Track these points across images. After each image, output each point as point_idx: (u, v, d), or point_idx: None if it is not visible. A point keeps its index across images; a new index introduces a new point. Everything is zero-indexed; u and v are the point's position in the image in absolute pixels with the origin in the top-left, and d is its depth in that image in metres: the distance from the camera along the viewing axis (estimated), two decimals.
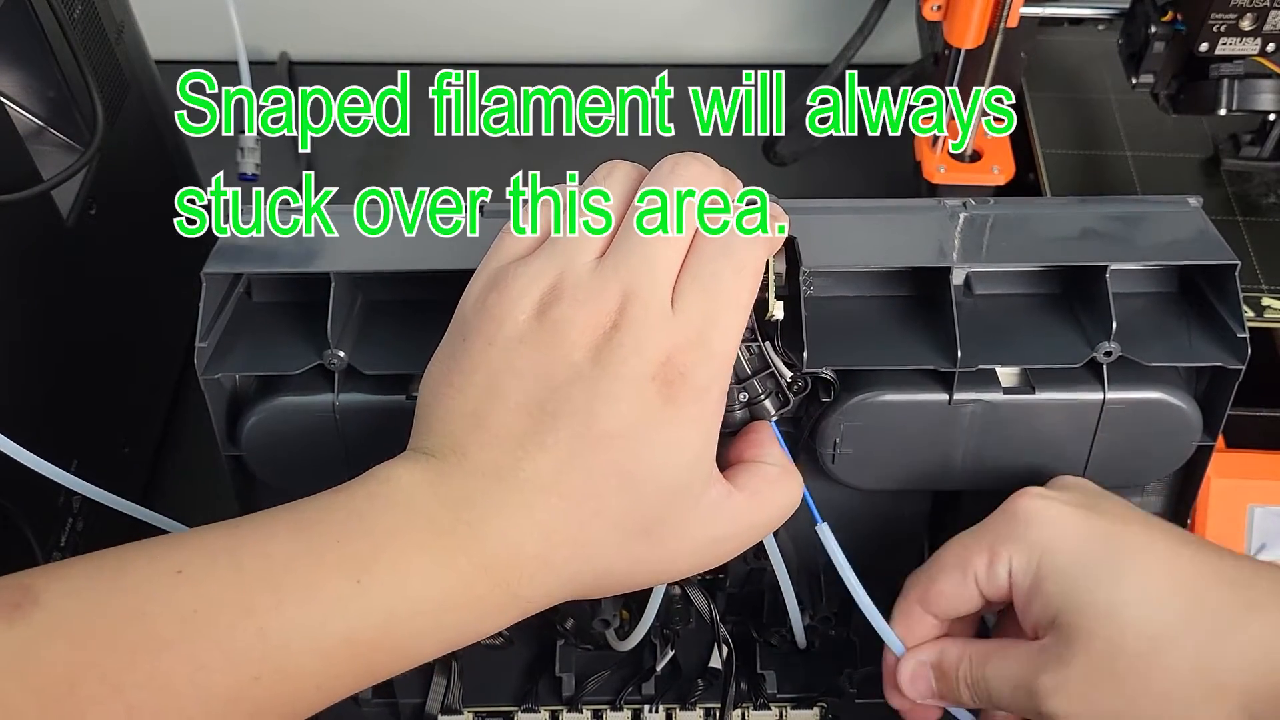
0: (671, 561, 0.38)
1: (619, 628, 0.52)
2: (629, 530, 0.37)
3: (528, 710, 0.54)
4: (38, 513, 0.53)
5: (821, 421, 0.44)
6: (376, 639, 0.35)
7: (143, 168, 0.67)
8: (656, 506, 0.37)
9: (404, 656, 0.36)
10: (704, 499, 0.38)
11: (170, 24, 0.78)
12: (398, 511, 0.36)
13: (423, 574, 0.35)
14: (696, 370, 0.36)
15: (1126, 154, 0.73)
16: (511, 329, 0.37)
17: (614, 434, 0.36)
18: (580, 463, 0.36)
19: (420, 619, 0.35)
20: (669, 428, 0.36)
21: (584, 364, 0.36)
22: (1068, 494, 0.43)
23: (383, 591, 0.35)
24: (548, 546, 0.36)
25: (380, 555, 0.35)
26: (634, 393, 0.36)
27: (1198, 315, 0.46)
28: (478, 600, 0.36)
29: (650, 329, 0.36)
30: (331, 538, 0.35)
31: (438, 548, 0.35)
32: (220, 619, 0.33)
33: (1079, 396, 0.44)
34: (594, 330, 0.36)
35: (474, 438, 0.36)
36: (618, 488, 0.36)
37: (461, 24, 0.93)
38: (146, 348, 0.67)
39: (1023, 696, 0.41)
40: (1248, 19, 0.60)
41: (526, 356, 0.36)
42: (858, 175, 0.85)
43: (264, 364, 0.45)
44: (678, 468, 0.37)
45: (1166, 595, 0.40)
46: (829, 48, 0.74)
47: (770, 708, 0.54)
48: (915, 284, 0.46)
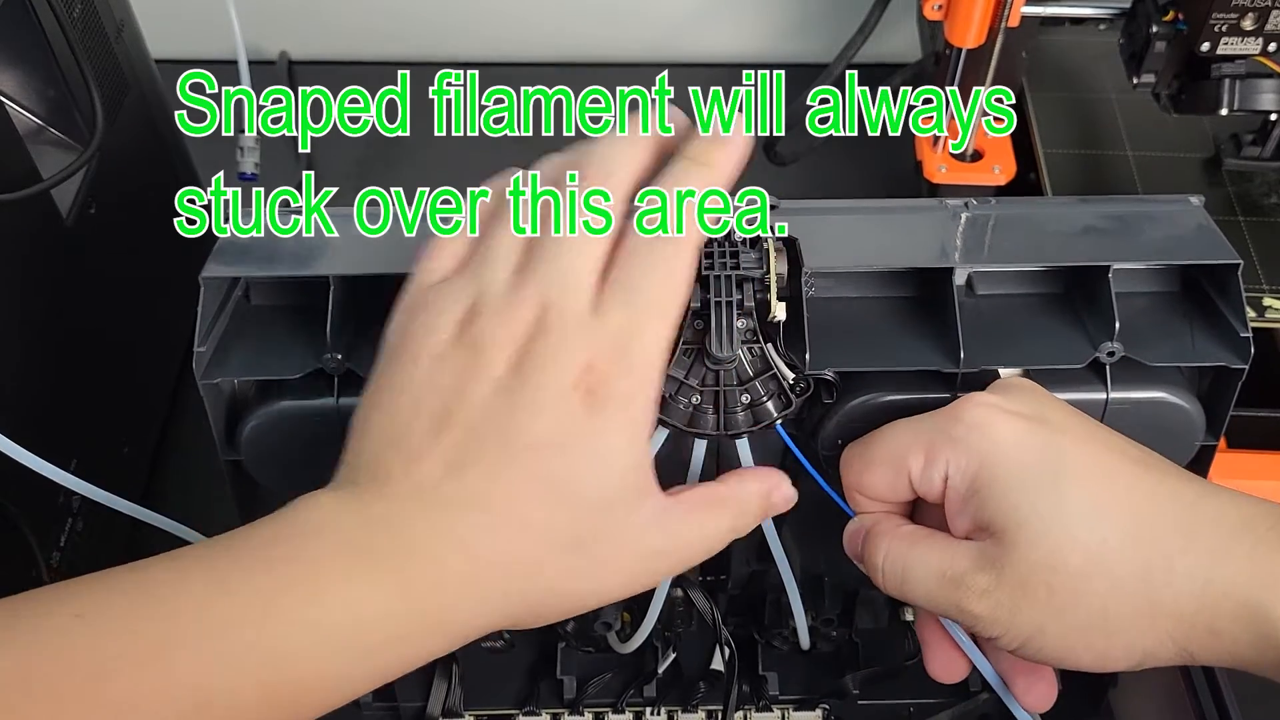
0: (607, 577, 0.38)
1: (620, 630, 0.52)
2: (559, 544, 0.36)
3: (529, 713, 0.54)
4: (37, 513, 0.53)
5: (824, 423, 0.44)
6: (292, 674, 0.33)
7: (142, 167, 0.67)
8: (587, 519, 0.36)
9: (327, 691, 0.34)
10: (639, 512, 0.37)
11: (170, 23, 0.78)
12: (312, 539, 0.35)
13: (337, 601, 0.34)
14: (619, 379, 0.36)
15: (1128, 154, 0.73)
16: (434, 348, 0.37)
17: (537, 445, 0.35)
18: (504, 477, 0.35)
19: (339, 649, 0.34)
20: (594, 438, 0.36)
21: (504, 377, 0.36)
22: (1016, 401, 0.41)
23: (292, 621, 0.33)
24: (474, 564, 0.35)
25: (288, 583, 0.34)
26: (555, 402, 0.35)
27: (1200, 315, 0.45)
28: (401, 624, 0.35)
29: (568, 337, 0.36)
30: (237, 573, 0.34)
31: (354, 572, 0.34)
32: (120, 665, 0.32)
33: (1082, 397, 0.44)
34: (512, 343, 0.36)
35: (397, 459, 0.36)
36: (544, 501, 0.35)
37: (461, 24, 0.93)
38: (146, 347, 0.67)
39: (946, 589, 0.39)
40: (1249, 18, 0.60)
41: (447, 374, 0.36)
42: (858, 175, 0.85)
43: (263, 368, 0.45)
44: (606, 478, 0.36)
45: (1110, 514, 0.38)
46: (829, 48, 0.74)
47: (773, 709, 0.53)
48: (917, 285, 0.46)
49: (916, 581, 0.40)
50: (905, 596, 0.41)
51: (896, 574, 0.41)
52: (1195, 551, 0.37)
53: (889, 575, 0.41)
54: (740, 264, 0.40)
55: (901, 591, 0.41)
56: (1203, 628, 0.37)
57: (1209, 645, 0.37)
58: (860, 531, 0.43)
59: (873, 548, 0.42)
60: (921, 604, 0.41)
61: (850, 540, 0.43)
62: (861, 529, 0.43)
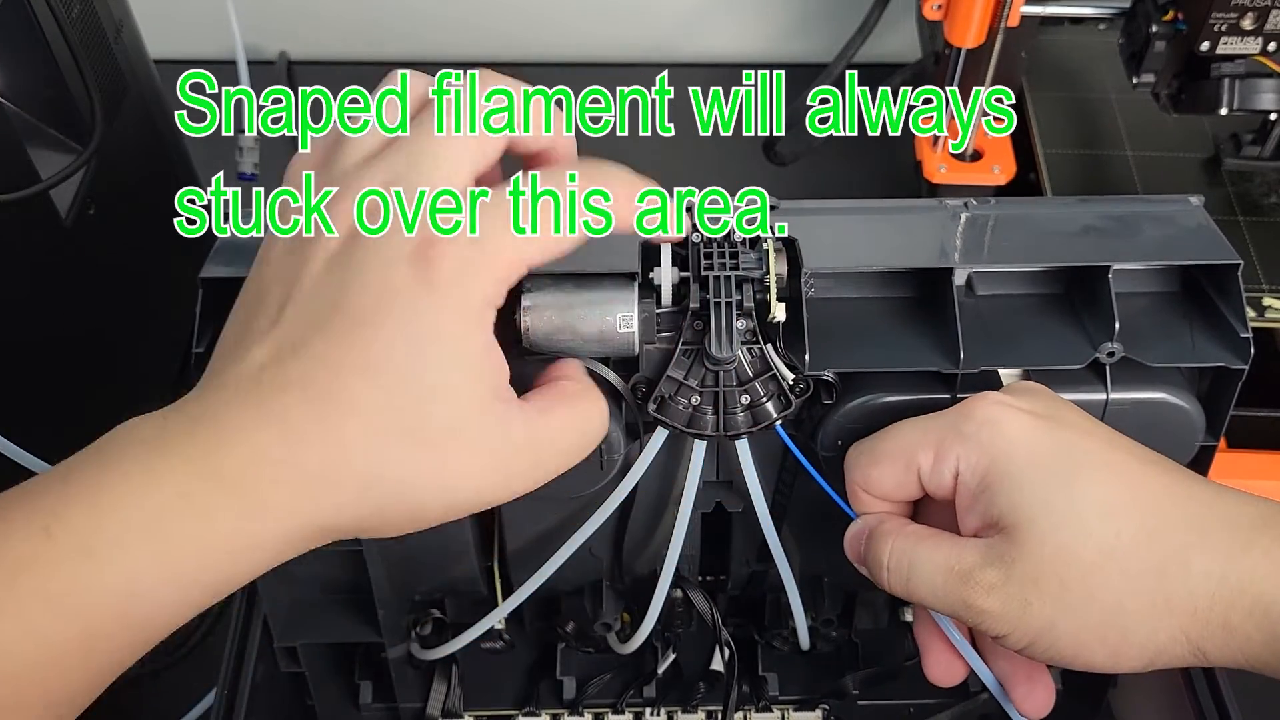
0: (453, 476, 0.34)
1: (620, 630, 0.52)
2: (391, 431, 0.33)
3: (529, 714, 0.54)
4: None
5: (823, 424, 0.44)
6: (87, 592, 0.30)
7: (141, 167, 0.67)
8: (423, 403, 0.33)
9: (136, 612, 0.31)
10: (485, 403, 0.34)
11: (169, 23, 0.78)
12: (117, 449, 0.32)
13: (136, 500, 0.31)
14: (461, 252, 0.33)
15: (1127, 153, 0.73)
16: (284, 241, 0.35)
17: (364, 320, 0.33)
18: (330, 356, 0.33)
19: (140, 557, 0.31)
20: (427, 314, 0.33)
21: (337, 249, 0.34)
22: (1027, 401, 0.40)
23: (77, 530, 0.30)
24: (294, 449, 0.32)
25: (74, 493, 0.31)
26: (385, 273, 0.33)
27: (1200, 315, 0.45)
28: (214, 523, 0.31)
29: (406, 207, 0.34)
30: (22, 496, 0.31)
31: (159, 470, 0.31)
32: None
33: (1082, 397, 0.44)
34: (350, 215, 0.34)
35: (230, 356, 0.34)
36: (373, 380, 0.32)
37: (461, 23, 0.93)
38: (145, 347, 0.67)
39: (953, 584, 0.38)
40: (1249, 18, 0.60)
41: (289, 262, 0.34)
42: (858, 175, 0.85)
43: None
44: (438, 361, 0.33)
45: (1124, 510, 0.38)
46: (829, 48, 0.74)
47: (772, 710, 0.53)
48: (917, 285, 0.46)
49: (922, 577, 0.40)
50: (910, 594, 0.40)
51: (902, 570, 0.40)
52: (1210, 547, 0.37)
53: (894, 572, 0.40)
54: (740, 264, 0.40)
55: (907, 588, 0.40)
56: (1217, 623, 0.37)
57: (1222, 643, 0.37)
58: (863, 532, 0.42)
59: (878, 546, 0.41)
60: (927, 601, 0.40)
61: (852, 542, 0.43)
62: (865, 529, 0.42)
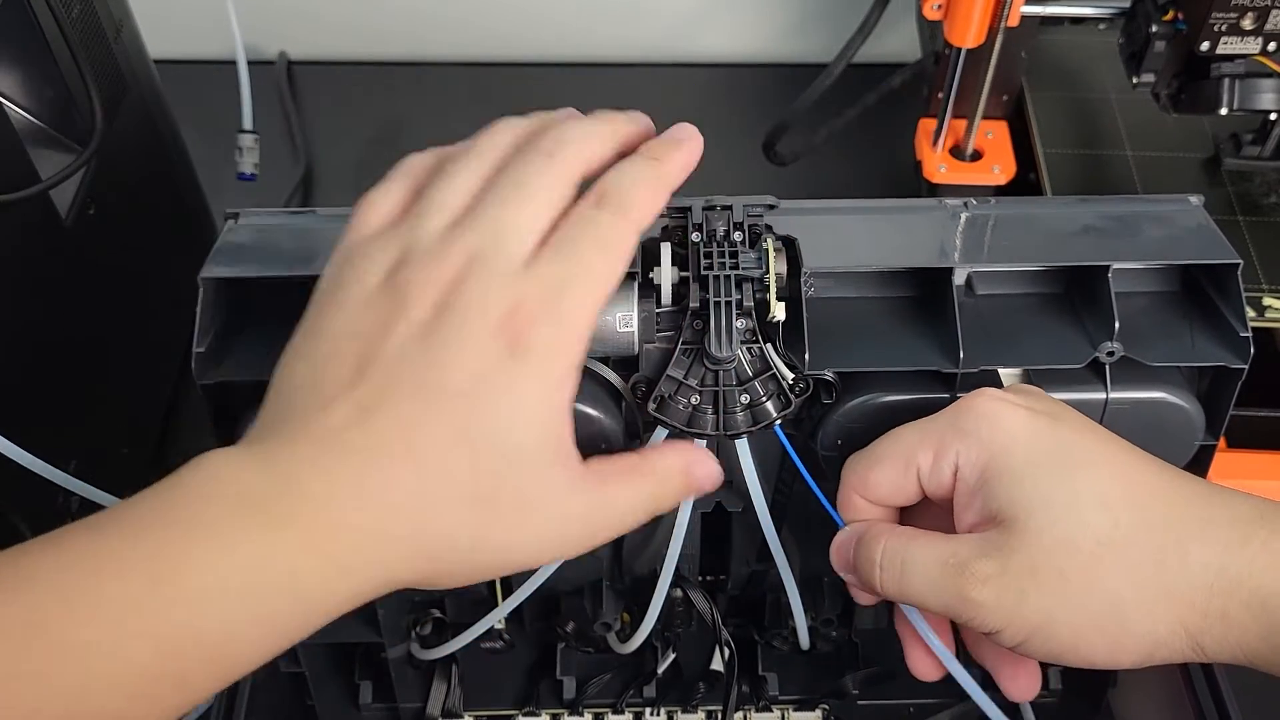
0: (518, 540, 0.36)
1: (620, 630, 0.52)
2: (469, 496, 0.34)
3: (529, 714, 0.54)
4: (36, 514, 0.53)
5: (823, 423, 0.44)
6: (186, 637, 0.32)
7: (141, 167, 0.67)
8: (495, 472, 0.35)
9: (226, 654, 0.33)
10: (552, 473, 0.36)
11: (169, 23, 0.78)
12: (202, 495, 0.33)
13: (227, 557, 0.32)
14: (543, 328, 0.35)
15: (1127, 153, 0.73)
16: (358, 294, 0.36)
17: (451, 391, 0.34)
18: (417, 422, 0.34)
19: (232, 607, 0.32)
20: (512, 386, 0.34)
21: (425, 320, 0.35)
22: (1025, 399, 0.41)
23: (183, 582, 0.31)
24: (375, 512, 0.33)
25: (177, 544, 0.32)
26: (474, 347, 0.34)
27: (1200, 314, 0.45)
28: (299, 578, 0.33)
29: (496, 284, 0.35)
30: (125, 537, 0.32)
31: (246, 526, 0.32)
32: (7, 640, 0.30)
33: (1082, 396, 0.44)
34: (437, 286, 0.35)
35: (309, 406, 0.34)
36: (454, 449, 0.34)
37: (461, 24, 0.93)
38: (145, 347, 0.67)
39: (948, 576, 0.38)
40: (1249, 18, 0.60)
41: (369, 319, 0.35)
42: (858, 175, 0.85)
43: (262, 368, 0.44)
44: (521, 430, 0.35)
45: (1123, 502, 0.38)
46: (829, 48, 0.74)
47: (772, 709, 0.53)
48: (917, 285, 0.46)
49: (916, 572, 0.39)
50: (904, 591, 0.40)
51: (895, 567, 0.40)
52: (1209, 539, 0.37)
53: (887, 570, 0.40)
54: (739, 264, 0.40)
55: (900, 585, 0.40)
56: (1215, 615, 0.37)
57: (1219, 636, 0.37)
58: (851, 539, 0.42)
59: (870, 546, 0.41)
60: (921, 597, 0.40)
61: (841, 549, 0.42)
62: (853, 536, 0.42)
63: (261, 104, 0.80)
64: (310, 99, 0.91)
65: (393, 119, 0.89)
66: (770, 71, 0.94)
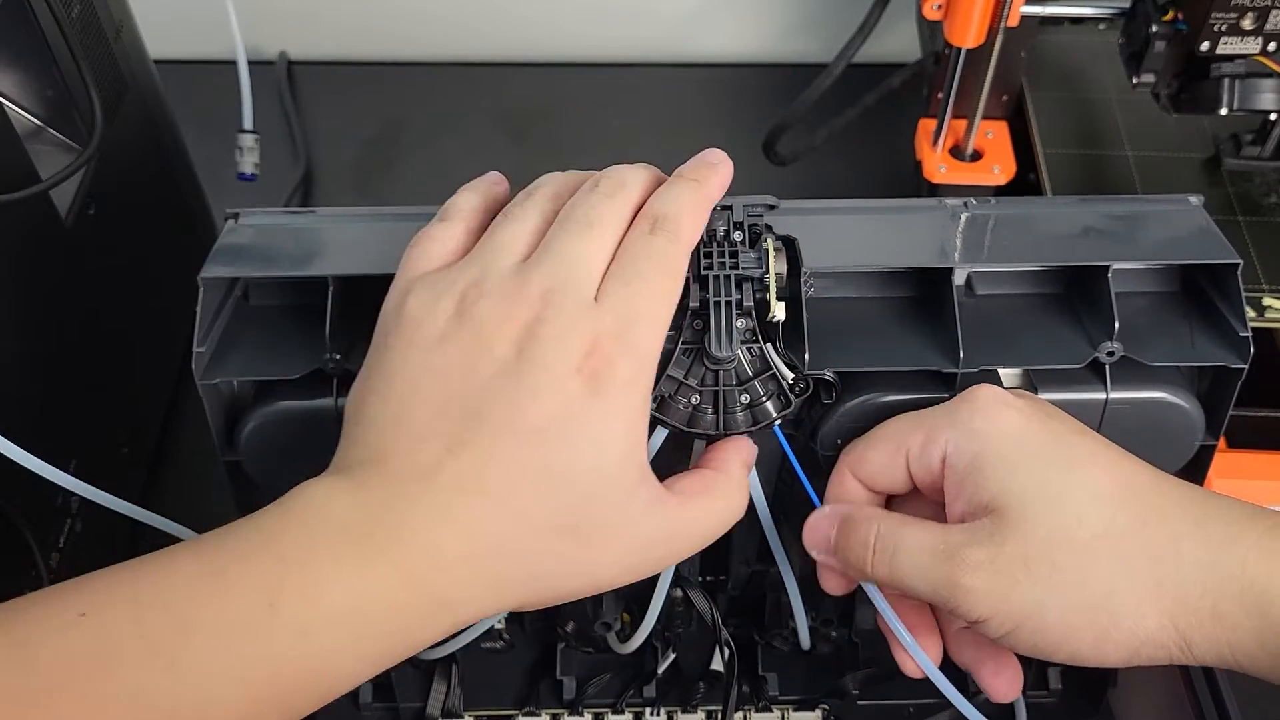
0: (601, 564, 0.38)
1: (620, 630, 0.52)
2: (555, 529, 0.36)
3: (529, 714, 0.54)
4: (36, 514, 0.53)
5: (823, 423, 0.44)
6: (297, 662, 0.34)
7: (141, 167, 0.67)
8: (583, 503, 0.36)
9: (331, 679, 0.35)
10: (634, 499, 0.37)
11: (169, 23, 0.78)
12: (310, 527, 0.35)
13: (338, 587, 0.34)
14: (620, 362, 0.36)
15: (1127, 153, 0.73)
16: (431, 329, 0.37)
17: (538, 428, 0.35)
18: (503, 460, 0.35)
19: (342, 636, 0.34)
20: (594, 421, 0.36)
21: (507, 359, 0.36)
22: (1021, 400, 0.41)
23: (296, 610, 0.33)
24: (470, 548, 0.35)
25: (292, 573, 0.34)
26: (558, 385, 0.36)
27: (1200, 314, 0.45)
28: (401, 610, 0.35)
29: (573, 322, 0.36)
30: (239, 562, 0.34)
31: (355, 559, 0.34)
32: (125, 659, 0.32)
33: (1081, 396, 0.44)
34: (516, 324, 0.36)
35: (395, 443, 0.36)
36: (542, 484, 0.36)
37: (461, 23, 0.93)
38: (145, 348, 0.67)
39: (939, 562, 0.39)
40: (1249, 18, 0.60)
41: (448, 355, 0.36)
42: (858, 174, 0.85)
43: (262, 368, 0.45)
44: (604, 462, 0.36)
45: (1118, 498, 0.39)
46: (829, 48, 0.74)
47: (772, 710, 0.53)
48: (917, 285, 0.46)
49: (907, 556, 0.40)
50: (894, 574, 0.40)
51: (886, 551, 0.41)
52: (1203, 536, 0.38)
53: (879, 554, 0.41)
54: (739, 264, 0.40)
55: (890, 569, 0.40)
56: (1206, 611, 0.37)
57: (1209, 633, 0.37)
58: (831, 519, 0.42)
59: (863, 528, 0.41)
60: (911, 581, 0.40)
61: (816, 528, 0.43)
62: (833, 516, 0.43)
63: (261, 104, 0.80)
64: (310, 99, 0.91)
65: (393, 119, 0.89)
66: (770, 71, 0.94)
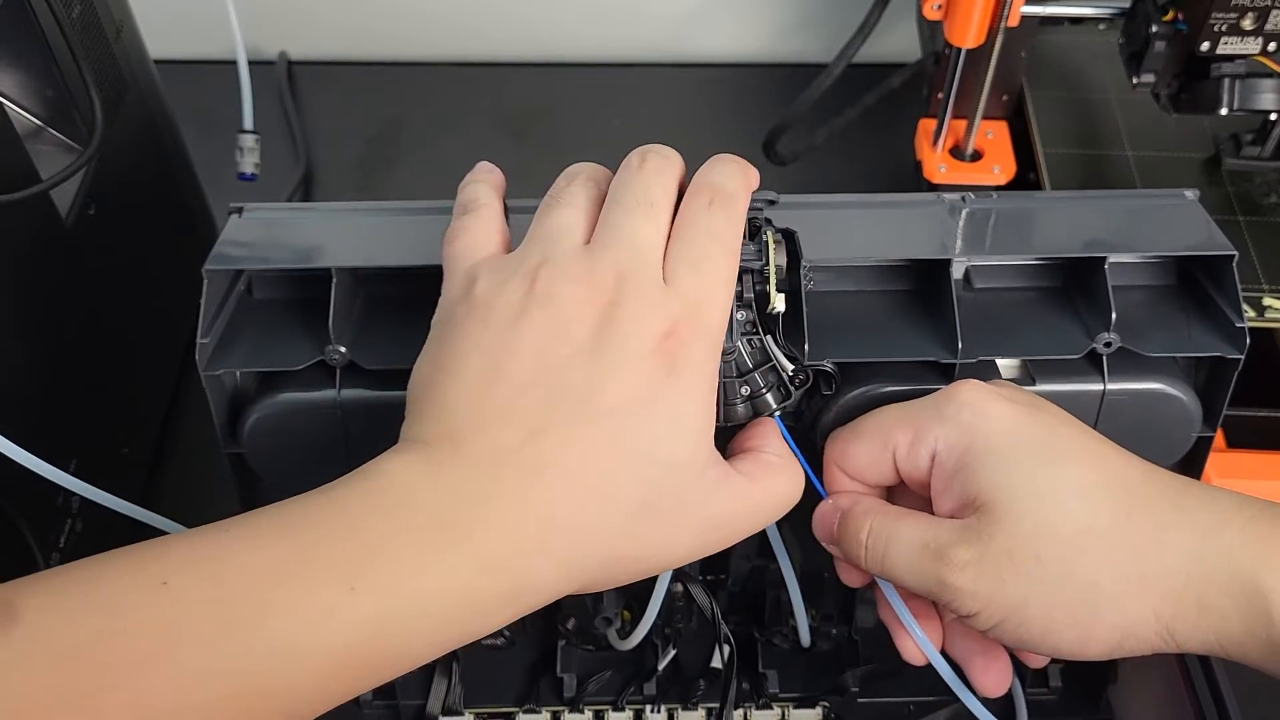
0: (672, 543, 0.38)
1: (620, 627, 0.52)
2: (630, 508, 0.36)
3: (529, 711, 0.54)
4: (36, 513, 0.53)
5: (823, 414, 0.44)
6: (372, 645, 0.34)
7: (141, 167, 0.67)
8: (657, 482, 0.36)
9: (400, 661, 0.35)
10: (704, 477, 0.38)
11: (169, 24, 0.78)
12: (391, 509, 0.35)
13: (420, 573, 0.34)
14: (694, 344, 0.37)
15: (1127, 153, 0.73)
16: (504, 310, 0.37)
17: (615, 410, 0.36)
18: (582, 442, 0.36)
19: (418, 620, 0.34)
20: (669, 402, 0.36)
21: (583, 340, 0.36)
22: (1008, 390, 0.42)
23: (377, 596, 0.34)
24: (548, 530, 0.35)
25: (374, 557, 0.34)
26: (635, 368, 0.36)
27: (1196, 306, 0.46)
28: (479, 596, 0.35)
29: (651, 305, 0.36)
30: (322, 542, 0.34)
31: (435, 545, 0.34)
32: (203, 634, 0.32)
33: (1079, 388, 0.44)
34: (593, 306, 0.36)
35: (471, 423, 0.36)
36: (618, 464, 0.36)
37: (461, 23, 0.93)
38: (145, 347, 0.67)
39: (928, 561, 0.39)
40: (1249, 18, 0.60)
41: (522, 335, 0.36)
42: (858, 174, 0.85)
43: (266, 360, 0.45)
44: (678, 442, 0.37)
45: (1103, 491, 0.39)
46: (829, 48, 0.74)
47: (772, 707, 0.53)
48: (916, 277, 0.46)
49: (898, 554, 0.40)
50: (886, 570, 0.41)
51: (879, 547, 0.41)
52: (1188, 526, 0.38)
53: (871, 550, 0.41)
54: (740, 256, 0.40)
55: (883, 565, 0.41)
56: (1191, 602, 0.37)
57: (1193, 623, 0.37)
58: (834, 511, 0.43)
59: (856, 523, 0.42)
60: (903, 577, 0.41)
61: (824, 519, 0.43)
62: (835, 509, 0.43)
63: (261, 104, 0.80)
64: (310, 99, 0.91)
65: (393, 119, 0.89)
66: (770, 71, 0.94)
